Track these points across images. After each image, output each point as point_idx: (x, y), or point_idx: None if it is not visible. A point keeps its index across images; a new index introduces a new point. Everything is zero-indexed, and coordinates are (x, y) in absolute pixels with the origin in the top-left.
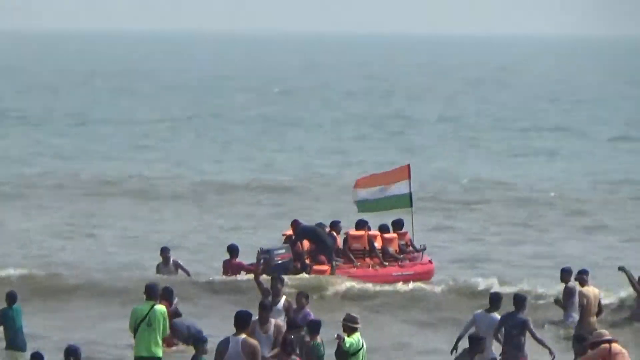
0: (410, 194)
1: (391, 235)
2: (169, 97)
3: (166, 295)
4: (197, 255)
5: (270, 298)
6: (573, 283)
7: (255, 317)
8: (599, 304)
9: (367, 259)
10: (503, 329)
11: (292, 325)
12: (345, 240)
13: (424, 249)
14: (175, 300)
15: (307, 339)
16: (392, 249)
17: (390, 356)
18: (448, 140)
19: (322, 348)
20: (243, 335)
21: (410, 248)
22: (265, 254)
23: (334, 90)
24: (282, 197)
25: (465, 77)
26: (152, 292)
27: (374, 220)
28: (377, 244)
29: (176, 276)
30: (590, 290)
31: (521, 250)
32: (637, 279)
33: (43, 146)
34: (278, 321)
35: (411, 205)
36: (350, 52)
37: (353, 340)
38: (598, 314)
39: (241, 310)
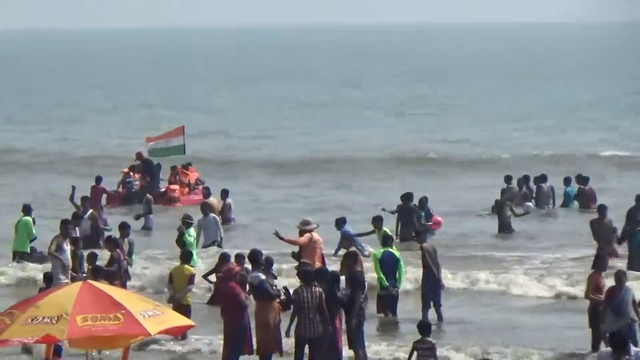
0: (184, 145)
1: (192, 172)
2: None
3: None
4: None
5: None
6: None
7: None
8: None
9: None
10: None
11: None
12: (176, 174)
13: (204, 182)
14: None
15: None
16: (192, 181)
17: None
18: None
19: None
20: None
21: (200, 181)
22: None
23: None
24: None
25: None
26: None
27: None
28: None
29: None
30: None
31: None
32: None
33: None
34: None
35: (184, 153)
36: None
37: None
38: None
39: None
